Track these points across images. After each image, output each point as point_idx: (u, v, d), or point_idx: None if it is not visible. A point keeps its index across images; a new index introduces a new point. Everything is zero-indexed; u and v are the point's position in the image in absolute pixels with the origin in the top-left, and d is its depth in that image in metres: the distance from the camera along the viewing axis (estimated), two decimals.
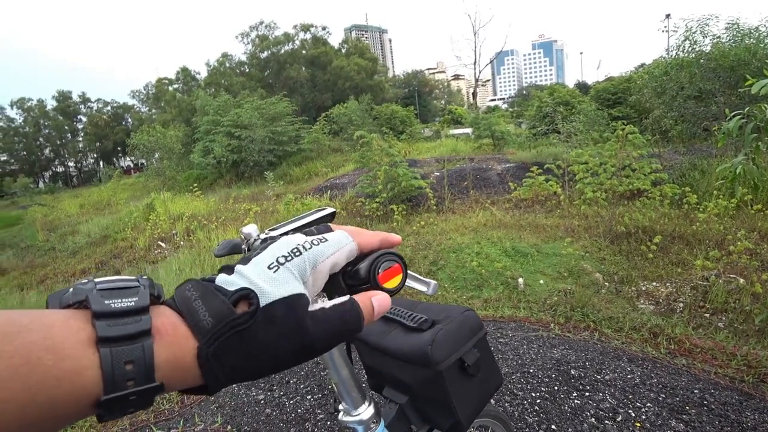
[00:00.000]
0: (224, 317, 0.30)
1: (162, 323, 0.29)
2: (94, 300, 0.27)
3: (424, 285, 0.50)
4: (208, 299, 0.31)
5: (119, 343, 0.26)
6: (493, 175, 8.74)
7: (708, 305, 3.30)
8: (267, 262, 0.35)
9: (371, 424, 0.71)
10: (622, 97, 14.43)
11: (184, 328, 0.30)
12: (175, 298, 0.32)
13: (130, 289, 0.29)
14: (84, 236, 10.32)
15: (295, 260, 0.35)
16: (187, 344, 0.29)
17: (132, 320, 0.27)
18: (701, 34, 8.78)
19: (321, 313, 0.34)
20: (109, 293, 0.28)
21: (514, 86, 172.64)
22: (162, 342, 0.28)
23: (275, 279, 0.33)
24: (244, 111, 16.99)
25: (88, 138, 53.80)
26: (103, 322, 0.26)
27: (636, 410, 2.03)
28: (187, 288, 0.32)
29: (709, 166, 6.65)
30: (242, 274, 0.33)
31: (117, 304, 0.27)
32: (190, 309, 0.30)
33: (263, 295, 0.32)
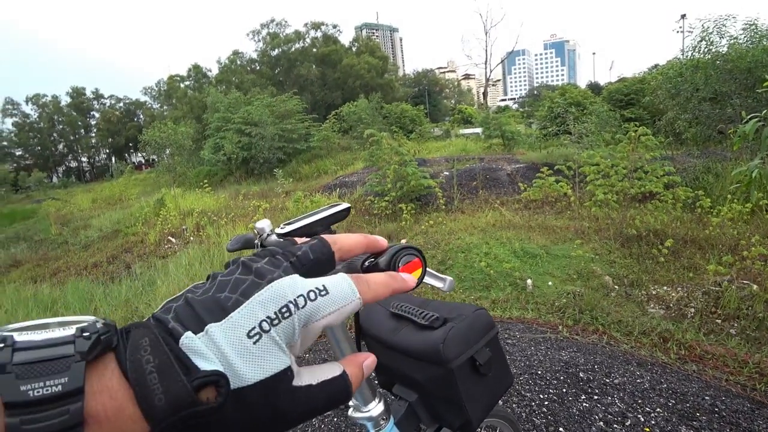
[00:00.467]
0: (183, 405, 0.24)
1: (103, 406, 0.23)
2: (6, 385, 0.21)
3: (440, 281, 0.50)
4: (165, 374, 0.25)
5: None
6: (503, 176, 8.69)
7: (720, 311, 3.25)
8: (247, 328, 0.27)
9: (381, 421, 0.71)
10: (635, 99, 14.26)
11: (132, 408, 0.24)
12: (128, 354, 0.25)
13: (59, 360, 0.23)
14: (96, 230, 10.46)
15: (282, 324, 0.28)
16: (134, 427, 0.24)
17: (57, 412, 0.21)
18: (718, 35, 8.65)
19: (305, 391, 0.29)
20: (28, 369, 0.22)
21: (525, 86, 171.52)
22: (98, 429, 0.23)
23: (254, 354, 0.27)
24: (255, 108, 17.09)
25: (100, 134, 54.54)
26: (16, 417, 0.21)
27: (645, 415, 2.01)
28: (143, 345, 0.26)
29: (723, 170, 6.55)
30: (212, 340, 0.27)
31: (36, 391, 0.21)
32: (143, 383, 0.24)
33: (236, 377, 0.26)
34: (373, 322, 0.85)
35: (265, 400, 0.27)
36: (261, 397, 0.27)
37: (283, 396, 0.28)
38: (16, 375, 0.21)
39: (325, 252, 0.36)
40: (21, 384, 0.21)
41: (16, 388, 0.21)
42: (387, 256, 0.41)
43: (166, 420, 0.24)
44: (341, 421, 2.15)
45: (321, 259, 0.35)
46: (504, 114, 20.07)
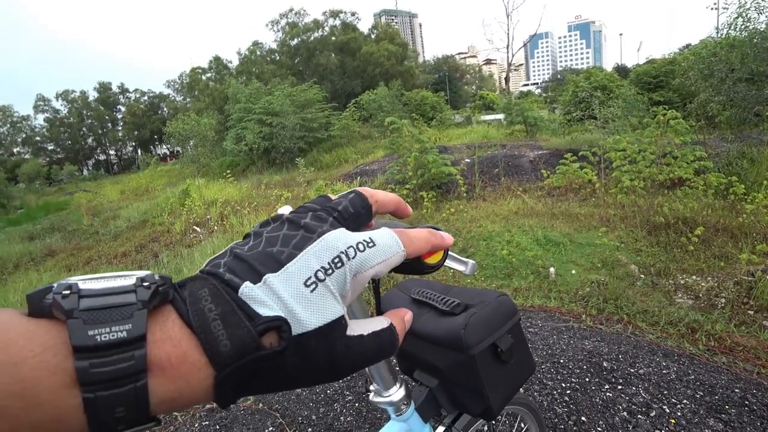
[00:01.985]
0: (247, 349, 0.25)
1: (166, 354, 0.24)
2: (75, 329, 0.22)
3: (462, 264, 0.50)
4: (229, 321, 0.26)
5: (107, 387, 0.22)
6: (526, 162, 8.54)
7: (752, 302, 3.14)
8: (303, 277, 0.29)
9: (401, 406, 0.72)
10: (665, 81, 13.70)
11: (197, 356, 0.25)
12: (188, 304, 0.26)
13: (122, 307, 0.23)
14: (124, 221, 10.81)
15: (336, 273, 0.29)
16: (199, 374, 0.25)
17: (123, 357, 0.22)
18: (756, 11, 8.18)
19: (358, 341, 0.30)
20: (95, 315, 0.23)
21: (548, 70, 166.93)
22: (162, 377, 0.24)
23: (312, 301, 0.28)
24: (275, 98, 17.21)
25: (126, 127, 56.05)
26: (85, 361, 0.21)
27: (671, 406, 1.98)
28: (203, 296, 0.27)
29: (759, 155, 6.26)
30: (273, 290, 0.28)
31: (104, 336, 0.22)
32: (207, 331, 0.25)
33: (297, 323, 0.27)
34: (394, 308, 0.86)
35: (323, 347, 0.28)
36: (319, 343, 0.28)
37: (338, 343, 0.29)
38: (84, 320, 0.22)
39: (364, 205, 0.37)
40: (89, 329, 0.22)
41: (84, 332, 0.22)
42: None
43: (231, 365, 0.25)
44: (362, 406, 2.19)
45: (361, 212, 0.37)
46: (527, 99, 19.63)
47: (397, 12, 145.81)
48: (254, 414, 2.26)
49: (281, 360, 0.27)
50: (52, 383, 0.21)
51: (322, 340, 0.28)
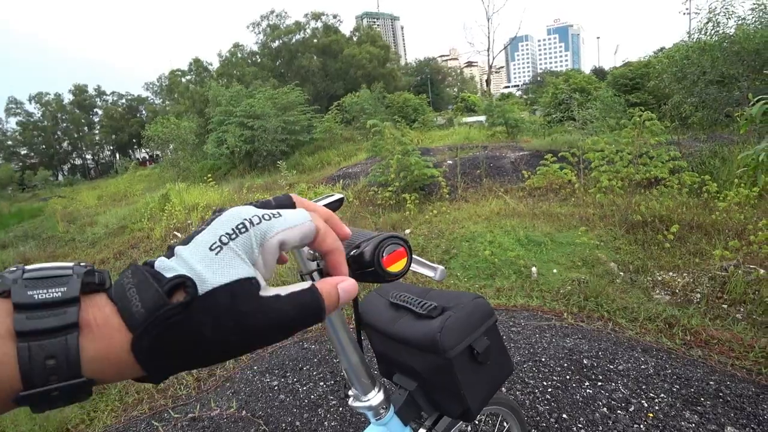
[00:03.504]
0: (156, 308, 0.27)
1: (92, 315, 0.27)
2: (16, 291, 0.26)
3: (431, 270, 0.50)
4: (143, 288, 0.28)
5: (39, 338, 0.25)
6: (507, 164, 8.64)
7: (726, 296, 3.23)
8: (209, 242, 0.31)
9: (381, 410, 0.72)
10: (640, 83, 14.05)
11: (116, 320, 0.28)
12: (113, 285, 0.30)
13: (59, 278, 0.27)
14: (102, 227, 10.54)
15: (240, 238, 0.31)
16: (119, 337, 0.27)
17: (55, 313, 0.26)
18: (725, 16, 8.48)
19: (274, 300, 0.31)
20: (35, 282, 0.26)
21: (528, 73, 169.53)
22: (90, 335, 0.26)
23: (216, 262, 0.30)
24: (257, 101, 17.03)
25: (104, 131, 54.74)
26: (23, 314, 0.25)
27: (649, 400, 2.02)
28: (126, 274, 0.30)
29: (730, 154, 6.46)
30: (181, 257, 0.30)
31: (40, 295, 0.26)
32: (124, 298, 0.28)
33: (201, 281, 0.29)
34: (372, 312, 0.86)
35: (231, 304, 0.29)
36: (226, 300, 0.29)
37: (248, 302, 0.30)
38: (25, 285, 0.26)
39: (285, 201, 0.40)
40: (28, 290, 0.26)
41: (24, 293, 0.26)
42: (371, 246, 0.41)
43: (144, 323, 0.27)
44: (347, 411, 2.17)
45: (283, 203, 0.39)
46: (507, 101, 19.89)
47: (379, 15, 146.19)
48: (237, 422, 2.22)
49: (191, 318, 0.28)
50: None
51: (230, 298, 0.29)
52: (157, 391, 2.64)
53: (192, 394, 2.59)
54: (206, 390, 2.62)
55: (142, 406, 2.51)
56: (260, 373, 2.68)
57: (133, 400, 2.61)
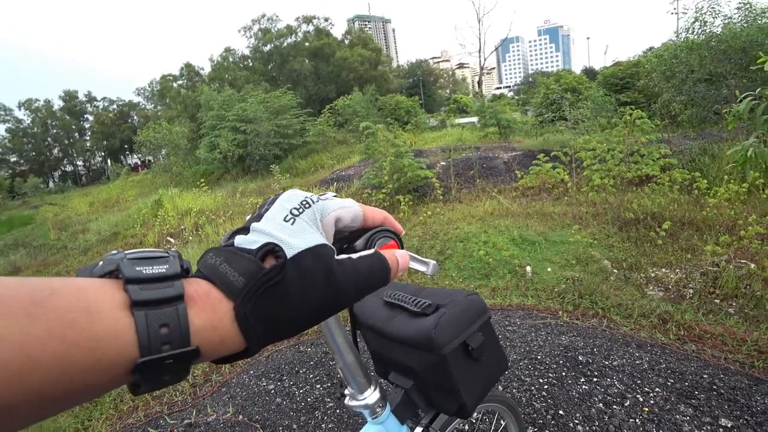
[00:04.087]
0: (254, 274, 0.30)
1: (194, 290, 0.29)
2: (126, 267, 0.27)
3: (423, 265, 0.50)
4: (233, 261, 0.31)
5: (153, 307, 0.26)
6: (500, 164, 8.68)
7: (718, 291, 3.27)
8: (282, 215, 0.35)
9: (377, 408, 0.72)
10: (630, 82, 14.19)
11: (216, 292, 0.30)
12: (200, 268, 0.32)
13: (159, 258, 0.29)
14: (94, 234, 10.44)
15: (306, 212, 0.35)
16: (221, 308, 0.29)
17: (164, 285, 0.27)
18: (711, 15, 8.59)
19: (349, 262, 0.35)
20: (139, 262, 0.28)
21: (519, 74, 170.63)
22: (196, 308, 0.28)
23: (295, 231, 0.33)
24: (249, 105, 16.99)
25: (95, 137, 54.25)
26: (136, 286, 0.26)
27: (644, 395, 2.03)
28: (209, 257, 0.32)
29: (719, 151, 6.54)
30: (260, 230, 0.33)
31: (148, 271, 0.28)
32: (218, 273, 0.31)
33: (289, 247, 0.32)
34: (367, 312, 0.86)
35: (317, 264, 0.32)
36: (312, 261, 0.32)
37: (331, 261, 0.33)
38: (131, 263, 0.28)
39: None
40: (136, 266, 0.27)
41: (133, 269, 0.27)
42: (363, 239, 0.42)
43: (244, 290, 0.29)
44: (344, 413, 2.17)
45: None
46: (499, 102, 20.03)
47: (370, 17, 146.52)
48: (234, 427, 2.21)
49: (285, 279, 0.30)
50: (110, 304, 0.25)
51: (314, 259, 0.32)
52: (152, 398, 2.62)
53: (188, 400, 2.57)
54: (202, 396, 2.60)
55: (137, 414, 2.48)
56: (256, 377, 2.66)
57: (128, 408, 2.58)
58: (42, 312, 0.23)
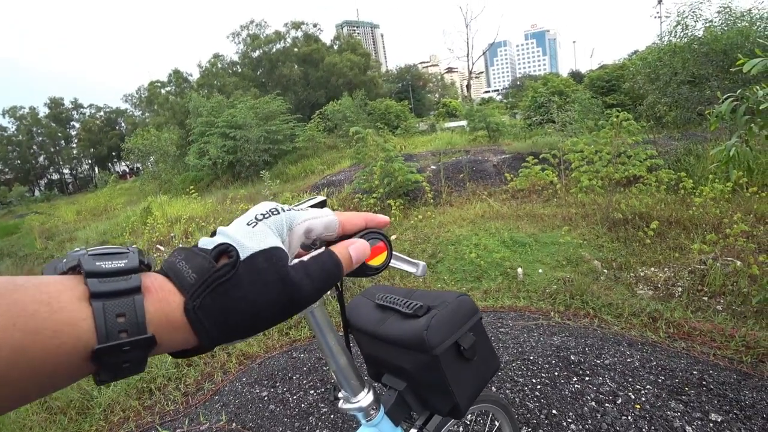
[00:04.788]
0: (206, 271, 0.32)
1: (150, 282, 0.31)
2: (86, 262, 0.29)
3: (412, 266, 0.50)
4: (190, 259, 0.33)
5: (110, 298, 0.28)
6: (489, 167, 8.74)
7: (706, 288, 3.32)
8: (246, 220, 0.37)
9: (371, 411, 0.72)
10: (616, 85, 14.41)
11: (169, 285, 0.32)
12: (162, 265, 0.34)
13: (119, 254, 0.31)
14: (82, 242, 10.28)
15: (273, 218, 0.37)
16: (173, 300, 0.31)
17: (122, 278, 0.29)
18: (693, 19, 8.77)
19: (300, 264, 0.36)
20: (99, 257, 0.30)
21: (507, 77, 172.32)
22: (151, 298, 0.30)
23: (254, 233, 0.35)
24: (238, 111, 16.89)
25: (82, 144, 53.51)
26: (95, 280, 0.28)
27: (635, 392, 2.06)
28: (173, 255, 0.35)
29: (704, 151, 6.66)
30: (222, 233, 0.36)
31: (107, 265, 0.29)
32: (174, 269, 0.33)
33: (242, 248, 0.34)
34: (359, 315, 0.86)
35: (269, 265, 0.34)
36: (265, 262, 0.34)
37: (282, 264, 0.34)
38: (92, 258, 0.30)
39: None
40: (96, 261, 0.29)
41: (93, 263, 0.29)
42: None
43: (195, 285, 0.31)
44: (338, 418, 2.16)
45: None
46: (488, 106, 20.13)
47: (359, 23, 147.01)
48: None
49: (237, 278, 0.32)
50: (70, 296, 0.27)
51: (267, 261, 0.34)
52: (143, 408, 2.58)
53: (180, 410, 2.53)
54: (194, 404, 2.57)
55: (128, 425, 2.45)
56: (249, 385, 2.64)
57: (119, 419, 2.54)
58: (4, 304, 0.24)
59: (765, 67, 2.26)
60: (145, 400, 2.67)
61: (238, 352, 3.08)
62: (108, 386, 2.83)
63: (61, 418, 2.58)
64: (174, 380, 2.83)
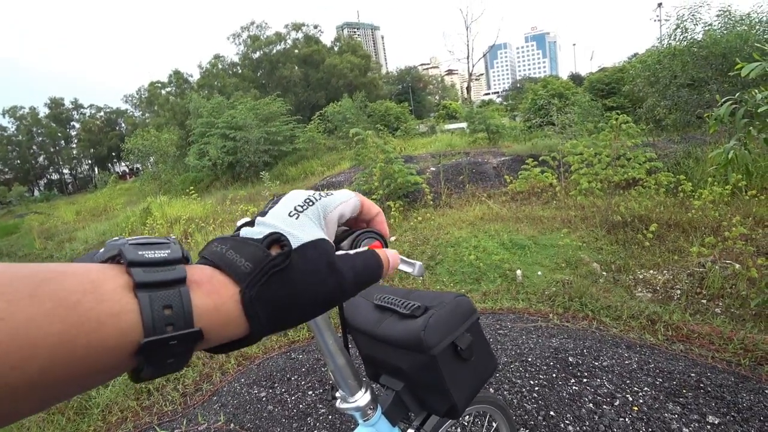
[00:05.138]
0: (261, 260, 0.31)
1: (197, 274, 0.30)
2: (128, 251, 0.28)
3: (409, 266, 0.51)
4: (240, 248, 0.32)
5: (156, 289, 0.26)
6: (489, 169, 8.75)
7: (705, 291, 3.33)
8: (286, 211, 0.36)
9: (368, 411, 0.72)
10: (616, 88, 14.46)
11: (221, 276, 0.30)
12: (205, 255, 0.33)
13: (161, 244, 0.30)
14: (81, 243, 10.27)
15: (310, 209, 0.37)
16: (226, 291, 0.30)
17: (166, 269, 0.28)
18: (692, 22, 8.81)
19: (347, 257, 0.36)
20: (141, 247, 0.28)
21: (507, 79, 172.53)
22: (200, 291, 0.29)
23: (299, 224, 0.35)
24: (238, 112, 16.93)
25: (81, 144, 53.57)
26: (139, 269, 0.27)
27: (633, 394, 2.06)
28: (214, 245, 0.33)
29: (703, 154, 6.68)
30: (265, 223, 0.35)
31: (150, 255, 0.28)
32: (224, 259, 0.31)
33: (293, 238, 0.33)
34: (357, 315, 0.86)
35: (320, 255, 0.34)
36: (315, 252, 0.34)
37: (332, 255, 0.35)
38: (134, 247, 0.28)
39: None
40: (138, 251, 0.28)
41: (135, 253, 0.28)
42: (349, 240, 0.43)
43: (251, 274, 0.30)
44: (336, 419, 2.16)
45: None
46: (488, 108, 20.19)
47: (359, 24, 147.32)
48: None
49: (292, 267, 0.32)
50: (113, 286, 0.25)
51: (317, 250, 0.34)
52: (141, 409, 2.58)
53: (178, 410, 2.53)
54: (192, 405, 2.57)
55: (126, 425, 2.44)
56: (248, 385, 2.64)
57: (117, 419, 2.54)
58: (44, 293, 0.23)
59: (763, 70, 2.27)
60: (143, 400, 2.67)
61: (237, 352, 3.08)
62: (106, 386, 2.83)
63: (58, 418, 2.58)
64: (172, 381, 2.83)
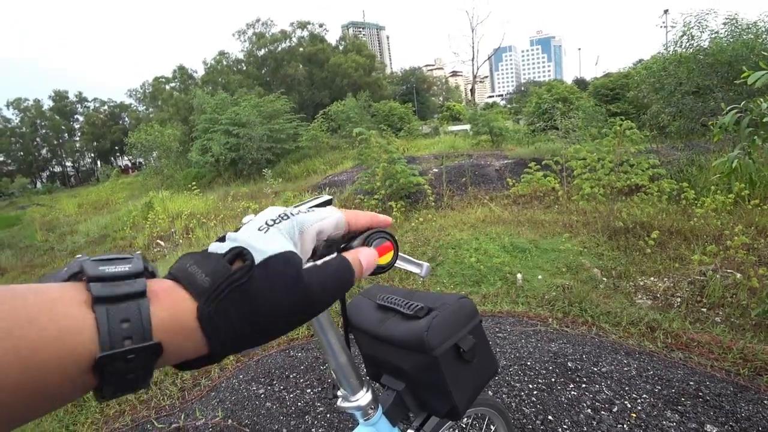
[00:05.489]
0: (221, 275, 0.30)
1: (158, 287, 0.29)
2: (89, 267, 0.27)
3: (416, 267, 0.51)
4: (202, 263, 0.31)
5: (114, 303, 0.26)
6: (492, 172, 8.75)
7: (705, 300, 3.32)
8: (257, 226, 0.36)
9: (369, 410, 0.72)
10: (620, 93, 14.43)
11: (181, 290, 0.30)
12: (171, 270, 0.32)
13: (123, 259, 0.29)
14: (83, 235, 10.31)
15: (284, 222, 0.37)
16: (185, 305, 0.29)
17: (126, 283, 0.27)
18: (699, 30, 8.78)
19: (314, 268, 0.35)
20: (102, 262, 0.28)
21: (512, 82, 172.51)
22: (159, 304, 0.28)
23: (266, 238, 0.34)
24: (242, 109, 16.94)
25: (85, 137, 53.72)
26: (98, 284, 0.27)
27: (632, 401, 2.06)
28: (181, 260, 0.33)
29: (707, 162, 6.66)
30: (233, 238, 0.35)
31: (110, 269, 0.28)
32: (186, 273, 0.31)
33: (256, 251, 0.32)
34: (360, 315, 0.87)
35: (285, 268, 0.33)
36: (281, 265, 0.33)
37: (297, 268, 0.34)
38: (95, 263, 0.28)
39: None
40: (99, 266, 0.28)
41: (96, 268, 0.27)
42: (359, 240, 0.43)
43: (209, 290, 0.30)
44: (334, 417, 2.16)
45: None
46: (492, 110, 20.17)
47: (364, 24, 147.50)
48: (223, 431, 2.19)
49: (253, 282, 0.31)
50: (71, 302, 0.25)
51: (282, 264, 0.33)
52: (139, 402, 2.59)
53: (176, 405, 2.54)
54: (191, 400, 2.57)
55: (123, 418, 2.45)
56: (246, 382, 2.64)
57: (115, 412, 2.54)
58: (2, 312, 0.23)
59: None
60: (141, 394, 2.67)
61: None
62: None
63: (56, 411, 2.59)
64: (170, 375, 2.84)
